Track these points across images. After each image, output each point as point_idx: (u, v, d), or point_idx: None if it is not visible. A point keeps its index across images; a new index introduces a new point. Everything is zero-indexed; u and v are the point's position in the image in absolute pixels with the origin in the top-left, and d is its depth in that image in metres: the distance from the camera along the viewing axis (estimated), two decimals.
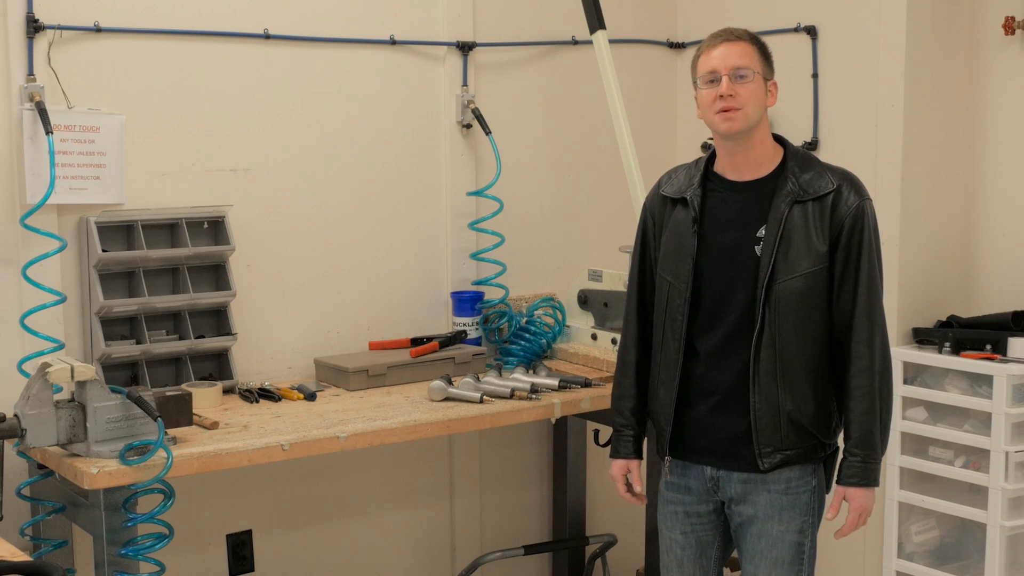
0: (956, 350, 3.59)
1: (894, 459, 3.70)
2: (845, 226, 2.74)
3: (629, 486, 3.01)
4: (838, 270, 2.76)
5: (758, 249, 2.75)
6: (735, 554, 2.97)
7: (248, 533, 3.69)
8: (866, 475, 2.77)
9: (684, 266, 2.83)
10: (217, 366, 3.52)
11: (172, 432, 2.94)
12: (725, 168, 2.85)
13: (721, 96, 2.72)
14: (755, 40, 2.79)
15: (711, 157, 2.89)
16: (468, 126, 3.95)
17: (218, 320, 3.51)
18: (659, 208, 2.93)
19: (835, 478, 2.83)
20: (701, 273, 2.82)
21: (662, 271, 2.89)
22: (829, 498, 2.85)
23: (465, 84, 3.95)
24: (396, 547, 4.00)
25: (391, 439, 3.19)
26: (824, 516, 2.84)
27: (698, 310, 2.82)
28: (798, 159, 2.82)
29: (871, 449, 2.76)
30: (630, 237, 3.09)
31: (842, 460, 2.80)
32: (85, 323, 3.33)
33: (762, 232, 2.76)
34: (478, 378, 3.51)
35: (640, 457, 3.00)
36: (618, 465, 3.00)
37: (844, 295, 2.76)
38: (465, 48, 3.93)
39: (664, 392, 2.88)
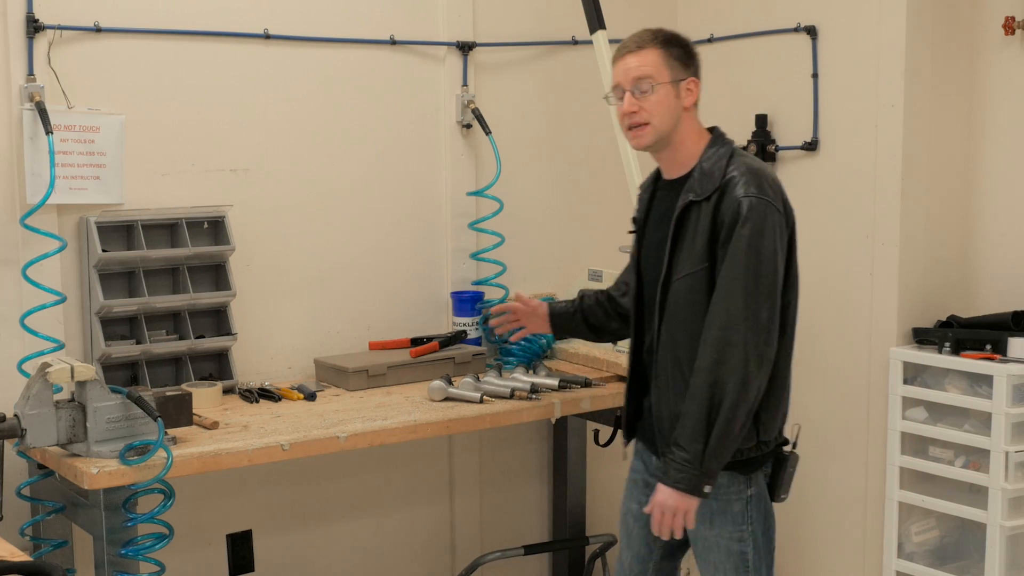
0: (956, 350, 3.59)
1: (894, 459, 3.69)
2: (725, 224, 2.64)
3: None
4: (717, 269, 2.66)
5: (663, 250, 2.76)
6: None
7: (248, 533, 3.69)
8: (668, 473, 2.64)
9: (632, 264, 2.91)
10: (217, 366, 3.52)
11: (172, 432, 2.94)
12: (661, 167, 2.86)
13: (625, 113, 2.70)
14: (664, 41, 2.72)
15: None
16: (468, 126, 3.95)
17: (218, 320, 3.51)
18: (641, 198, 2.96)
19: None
20: (640, 272, 2.87)
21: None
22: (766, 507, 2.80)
23: (465, 84, 3.95)
24: (396, 547, 4.00)
25: (391, 439, 3.19)
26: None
27: (642, 307, 2.87)
28: (710, 156, 2.72)
29: (680, 450, 2.62)
30: (630, 237, 3.08)
31: None
32: (85, 323, 3.33)
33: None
34: (478, 378, 3.51)
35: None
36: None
37: (714, 293, 2.66)
38: (465, 48, 3.93)
39: (628, 381, 2.93)
